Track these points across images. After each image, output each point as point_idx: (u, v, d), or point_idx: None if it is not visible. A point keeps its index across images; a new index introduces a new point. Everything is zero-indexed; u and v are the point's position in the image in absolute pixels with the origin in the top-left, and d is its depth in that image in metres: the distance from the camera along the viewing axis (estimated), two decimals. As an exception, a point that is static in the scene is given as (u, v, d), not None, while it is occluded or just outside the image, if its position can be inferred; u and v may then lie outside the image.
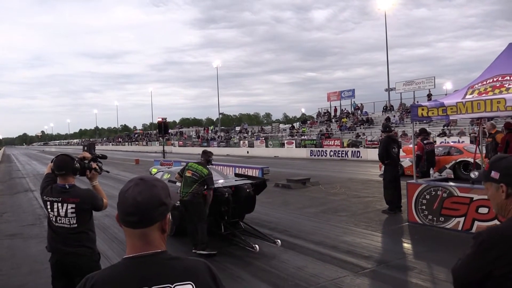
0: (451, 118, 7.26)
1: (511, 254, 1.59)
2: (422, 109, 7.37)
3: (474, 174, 1.95)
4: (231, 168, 16.71)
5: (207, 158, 6.73)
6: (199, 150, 45.14)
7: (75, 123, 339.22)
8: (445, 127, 25.26)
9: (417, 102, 25.76)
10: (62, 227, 3.26)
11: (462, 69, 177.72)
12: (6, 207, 11.65)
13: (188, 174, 6.44)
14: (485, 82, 6.99)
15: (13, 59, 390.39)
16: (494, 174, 1.74)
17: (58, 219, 3.26)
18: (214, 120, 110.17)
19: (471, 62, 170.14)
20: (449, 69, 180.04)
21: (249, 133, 47.82)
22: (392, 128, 11.79)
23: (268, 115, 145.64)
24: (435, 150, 11.48)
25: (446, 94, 27.25)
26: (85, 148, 3.68)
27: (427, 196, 7.41)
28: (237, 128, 54.77)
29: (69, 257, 3.22)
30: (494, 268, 1.61)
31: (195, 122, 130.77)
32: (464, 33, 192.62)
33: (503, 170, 1.72)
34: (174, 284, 1.29)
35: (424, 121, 17.83)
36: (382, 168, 9.99)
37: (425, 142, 9.89)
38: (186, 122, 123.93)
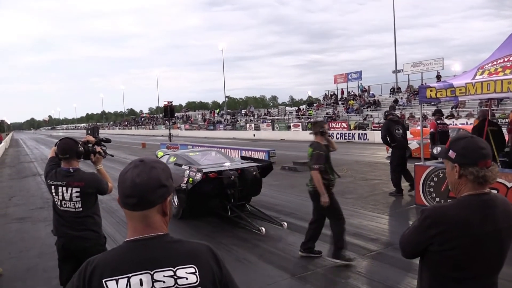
0: (460, 99, 7.12)
1: (449, 234, 1.66)
2: (431, 90, 7.23)
3: (436, 150, 1.92)
4: (237, 151, 16.67)
5: (316, 130, 5.10)
6: (205, 133, 45.06)
7: (82, 108, 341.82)
8: (454, 109, 24.99)
9: (425, 83, 25.45)
10: (67, 211, 3.26)
11: (469, 50, 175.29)
12: (15, 191, 11.79)
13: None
14: (495, 63, 6.82)
15: (18, 44, 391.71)
16: (451, 154, 1.78)
17: (63, 203, 3.26)
18: (220, 103, 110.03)
19: (478, 43, 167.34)
20: (457, 50, 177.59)
21: (255, 116, 47.73)
22: (393, 112, 11.62)
23: (274, 98, 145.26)
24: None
25: (455, 75, 26.88)
26: (89, 131, 3.66)
27: (435, 178, 7.35)
28: (243, 111, 54.63)
29: (75, 241, 3.23)
30: (431, 244, 1.70)
31: (201, 106, 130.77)
32: (472, 13, 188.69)
33: (459, 151, 1.75)
34: (176, 268, 1.26)
35: (432, 103, 17.62)
36: (389, 151, 9.90)
37: (438, 122, 9.75)
38: (192, 106, 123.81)
